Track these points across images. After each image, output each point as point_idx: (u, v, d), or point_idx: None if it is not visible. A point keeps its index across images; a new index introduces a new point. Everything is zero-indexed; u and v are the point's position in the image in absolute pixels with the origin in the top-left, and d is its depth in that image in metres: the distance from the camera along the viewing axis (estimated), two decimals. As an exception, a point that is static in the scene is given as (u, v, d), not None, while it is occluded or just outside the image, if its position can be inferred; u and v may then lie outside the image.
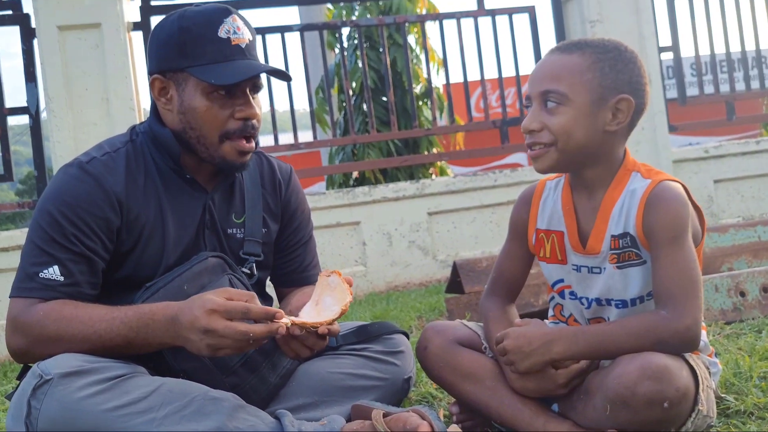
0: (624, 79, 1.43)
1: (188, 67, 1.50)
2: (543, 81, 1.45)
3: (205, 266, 1.54)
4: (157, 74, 1.54)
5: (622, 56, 1.45)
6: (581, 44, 1.47)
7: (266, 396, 1.55)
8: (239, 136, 1.53)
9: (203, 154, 1.55)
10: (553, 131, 1.43)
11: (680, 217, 1.39)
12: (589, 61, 1.43)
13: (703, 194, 4.49)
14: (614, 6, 4.40)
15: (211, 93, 1.50)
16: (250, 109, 1.53)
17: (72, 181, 1.50)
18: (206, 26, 1.50)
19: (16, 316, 1.42)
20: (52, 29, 3.83)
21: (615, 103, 1.42)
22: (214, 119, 1.51)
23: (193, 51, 1.49)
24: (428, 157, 5.79)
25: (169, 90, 1.55)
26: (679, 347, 1.34)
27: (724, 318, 2.30)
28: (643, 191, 1.43)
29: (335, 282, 1.46)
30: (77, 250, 1.45)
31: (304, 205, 1.81)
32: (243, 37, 1.52)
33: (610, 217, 1.46)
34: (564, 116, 1.42)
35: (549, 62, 1.47)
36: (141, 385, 1.33)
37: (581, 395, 1.40)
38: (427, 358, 1.58)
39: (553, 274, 1.57)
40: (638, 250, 1.44)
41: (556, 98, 1.43)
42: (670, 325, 1.32)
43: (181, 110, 1.53)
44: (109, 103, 3.88)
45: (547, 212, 1.58)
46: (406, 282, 4.16)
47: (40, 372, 1.30)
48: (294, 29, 4.28)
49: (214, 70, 1.48)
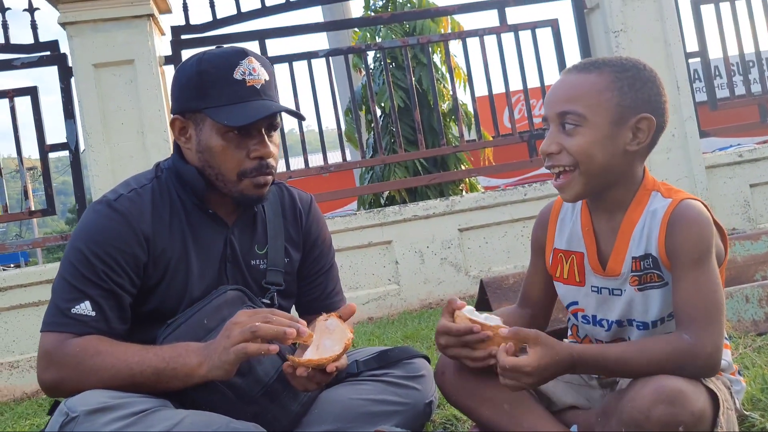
0: (643, 98, 1.41)
1: (205, 108, 1.56)
2: (560, 102, 1.43)
3: (224, 299, 1.58)
4: (178, 114, 1.61)
5: (640, 75, 1.43)
6: (598, 63, 1.44)
7: (288, 424, 1.58)
8: (256, 174, 1.58)
9: (224, 189, 1.61)
10: (572, 153, 1.40)
11: (704, 238, 1.37)
12: (607, 81, 1.41)
13: (739, 199, 4.41)
14: (638, 14, 4.37)
15: (226, 133, 1.56)
16: (265, 149, 1.58)
17: (100, 219, 1.56)
18: (223, 69, 1.55)
19: (50, 350, 1.47)
20: (87, 67, 3.98)
21: (635, 122, 1.40)
22: (231, 159, 1.57)
23: (209, 93, 1.55)
24: (457, 174, 5.80)
25: (188, 130, 1.61)
26: (699, 374, 1.32)
27: (756, 329, 2.26)
28: (665, 211, 1.41)
29: (333, 325, 1.49)
30: (107, 287, 1.51)
31: (325, 233, 1.85)
32: (258, 78, 1.57)
33: (631, 239, 1.45)
34: (583, 137, 1.40)
35: (566, 83, 1.45)
36: (164, 419, 1.37)
37: (599, 417, 1.40)
38: (444, 383, 1.59)
39: (568, 296, 1.57)
40: (660, 272, 1.42)
41: (574, 120, 1.40)
42: (692, 351, 1.30)
43: (199, 149, 1.59)
44: (144, 136, 4.00)
45: (566, 232, 1.57)
46: (440, 299, 4.17)
47: (67, 410, 1.35)
48: (320, 55, 4.36)
49: (229, 111, 1.53)
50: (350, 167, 4.50)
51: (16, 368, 3.71)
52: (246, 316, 1.43)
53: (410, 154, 4.94)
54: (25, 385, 3.70)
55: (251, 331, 1.38)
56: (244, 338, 1.38)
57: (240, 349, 1.38)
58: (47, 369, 1.47)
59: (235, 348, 1.38)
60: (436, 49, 6.67)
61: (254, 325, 1.39)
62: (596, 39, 4.57)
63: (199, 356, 1.43)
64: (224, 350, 1.39)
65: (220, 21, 4.34)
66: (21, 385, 3.71)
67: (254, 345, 1.38)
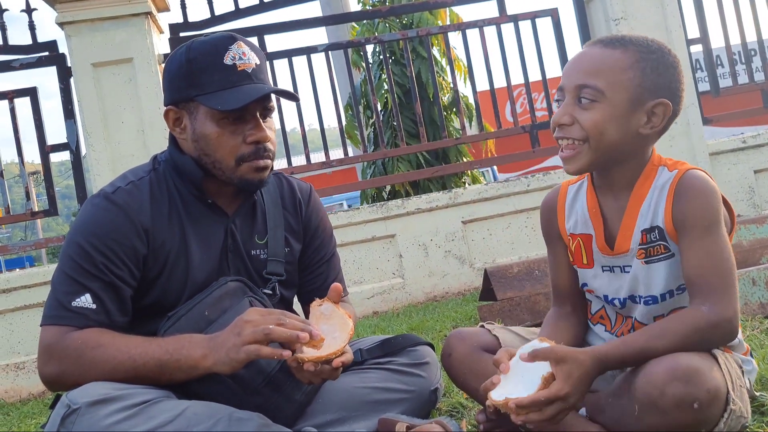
0: (664, 83, 1.40)
1: (197, 95, 1.54)
2: (580, 74, 1.40)
3: (225, 290, 1.57)
4: (171, 105, 1.59)
5: (665, 59, 1.41)
6: (625, 40, 1.42)
7: (292, 414, 1.57)
8: (254, 158, 1.57)
9: (222, 177, 1.59)
10: (584, 127, 1.39)
11: (712, 206, 1.36)
12: (631, 60, 1.39)
13: (744, 185, 4.38)
14: (638, 1, 4.34)
15: (221, 120, 1.54)
16: (261, 133, 1.56)
17: (98, 211, 1.55)
18: (212, 55, 1.54)
19: (50, 343, 1.46)
20: (86, 66, 3.97)
21: (652, 106, 1.39)
22: (227, 145, 1.55)
23: (201, 80, 1.54)
24: (459, 166, 5.77)
25: (182, 120, 1.60)
26: (721, 341, 1.32)
27: (763, 312, 2.24)
28: (671, 182, 1.40)
29: (329, 310, 1.47)
30: (107, 279, 1.50)
31: (326, 222, 1.84)
32: (249, 62, 1.55)
33: (639, 214, 1.44)
34: (598, 113, 1.38)
35: (589, 55, 1.42)
36: (166, 410, 1.36)
37: (609, 398, 1.38)
38: (451, 365, 1.58)
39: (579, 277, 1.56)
40: (666, 242, 1.41)
41: (591, 94, 1.38)
42: (712, 320, 1.29)
43: (194, 138, 1.58)
44: (145, 134, 3.99)
45: (573, 216, 1.56)
46: (445, 292, 4.15)
47: (68, 402, 1.34)
48: (319, 50, 4.34)
49: (221, 96, 1.52)
50: (352, 162, 4.48)
51: (21, 369, 3.71)
52: (258, 315, 1.40)
53: (411, 147, 4.92)
54: (31, 386, 3.69)
55: (264, 333, 1.35)
56: (256, 339, 1.36)
57: (253, 351, 1.35)
58: (48, 363, 1.46)
59: (247, 348, 1.36)
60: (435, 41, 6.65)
61: (267, 327, 1.36)
62: (596, 27, 4.54)
63: (203, 348, 1.41)
64: (234, 347, 1.37)
65: (218, 18, 4.33)
66: (27, 386, 3.70)
67: (268, 349, 1.36)
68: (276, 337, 1.35)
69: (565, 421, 1.41)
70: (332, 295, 1.49)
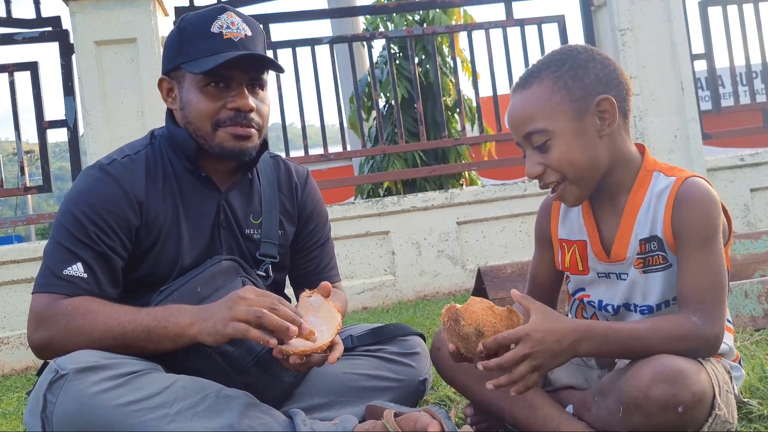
0: (591, 81, 1.38)
1: (182, 63, 1.55)
2: (520, 126, 1.41)
3: (218, 269, 1.56)
4: (164, 75, 1.60)
5: (576, 61, 1.40)
6: (534, 72, 1.42)
7: (280, 395, 1.56)
8: (231, 123, 1.55)
9: (205, 146, 1.58)
10: (555, 167, 1.39)
11: (712, 217, 1.34)
12: (549, 85, 1.39)
13: (739, 203, 4.39)
14: (645, 14, 4.35)
15: (203, 86, 1.54)
16: (242, 100, 1.55)
17: (93, 182, 1.54)
18: (200, 24, 1.55)
19: (40, 310, 1.45)
20: (89, 44, 3.95)
21: (596, 108, 1.38)
22: (205, 109, 1.55)
23: (187, 48, 1.55)
24: (456, 167, 5.76)
25: (174, 89, 1.61)
26: (705, 354, 1.31)
27: (754, 324, 2.24)
28: (670, 190, 1.39)
29: (318, 302, 1.45)
30: (99, 249, 1.49)
31: (321, 207, 1.83)
32: (237, 31, 1.55)
33: (636, 221, 1.42)
34: (556, 149, 1.38)
35: (515, 105, 1.43)
36: (154, 381, 1.34)
37: (595, 396, 1.38)
38: (439, 359, 1.57)
39: (574, 284, 1.55)
40: (665, 253, 1.40)
41: (540, 137, 1.38)
42: (702, 333, 1.29)
43: (181, 106, 1.59)
44: (144, 115, 3.97)
45: (568, 222, 1.55)
46: (435, 291, 4.15)
47: (56, 367, 1.32)
48: (324, 42, 4.33)
49: (203, 62, 1.52)
50: (350, 155, 4.47)
51: (6, 344, 3.68)
52: (254, 294, 1.38)
53: (410, 145, 4.92)
54: (14, 361, 3.66)
55: (256, 315, 1.33)
56: (246, 318, 1.33)
57: (241, 330, 1.33)
58: (37, 329, 1.45)
59: (235, 325, 1.33)
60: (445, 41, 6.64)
61: (260, 310, 1.33)
62: (602, 37, 4.55)
63: (191, 316, 1.40)
64: (222, 320, 1.35)
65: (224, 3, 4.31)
66: (10, 361, 3.67)
67: (256, 332, 1.33)
68: (267, 323, 1.33)
69: (551, 418, 1.41)
70: (321, 291, 1.48)
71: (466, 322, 1.27)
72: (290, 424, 1.41)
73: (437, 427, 1.30)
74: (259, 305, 1.35)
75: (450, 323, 1.30)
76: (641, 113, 4.32)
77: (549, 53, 1.44)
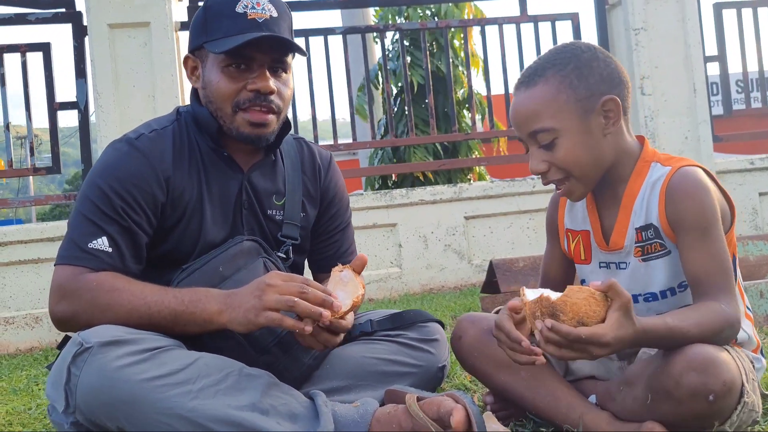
0: (596, 81, 1.40)
1: (205, 42, 1.54)
2: (526, 124, 1.42)
3: (240, 249, 1.55)
4: (189, 54, 1.60)
5: (581, 60, 1.40)
6: (539, 70, 1.42)
7: (299, 377, 1.56)
8: (251, 107, 1.54)
9: (224, 127, 1.57)
10: (560, 166, 1.41)
11: (705, 206, 1.35)
12: (555, 84, 1.39)
13: (747, 206, 4.38)
14: (660, 14, 4.34)
15: (225, 66, 1.54)
16: (263, 82, 1.53)
17: (121, 156, 1.53)
18: (225, 3, 1.54)
19: (63, 283, 1.44)
20: (103, 27, 3.93)
21: (601, 107, 1.39)
22: (226, 90, 1.54)
23: (211, 26, 1.54)
24: (468, 161, 5.74)
25: (198, 68, 1.60)
26: (729, 338, 1.33)
27: (768, 324, 2.24)
28: (663, 180, 1.40)
29: (348, 277, 1.44)
30: (124, 224, 1.48)
31: (343, 192, 1.83)
32: (262, 12, 1.53)
33: (633, 211, 1.44)
34: (563, 148, 1.39)
35: (520, 103, 1.43)
36: (178, 358, 1.34)
37: (621, 386, 1.38)
38: (461, 348, 1.57)
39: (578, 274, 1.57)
40: (662, 240, 1.41)
41: (546, 136, 1.40)
42: (731, 320, 1.30)
43: (203, 85, 1.58)
44: (155, 100, 3.95)
45: (573, 212, 1.57)
46: (441, 285, 4.14)
47: (81, 340, 1.32)
48: (337, 32, 4.32)
49: (225, 42, 1.51)
50: (360, 147, 4.46)
51: (11, 324, 3.67)
52: (281, 281, 1.36)
53: (420, 138, 4.91)
54: (19, 341, 3.65)
55: (288, 305, 1.32)
56: (278, 308, 1.33)
57: (275, 320, 1.33)
58: (60, 302, 1.44)
59: (269, 315, 1.33)
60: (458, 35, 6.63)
61: (292, 299, 1.32)
62: (616, 36, 4.54)
63: (220, 304, 1.39)
64: (254, 309, 1.34)
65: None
66: (15, 341, 3.66)
67: (290, 321, 1.33)
68: (300, 311, 1.32)
69: (573, 407, 1.41)
70: (356, 264, 1.46)
71: (567, 316, 1.19)
72: (311, 404, 1.40)
73: (462, 411, 1.29)
74: (289, 292, 1.33)
75: (543, 317, 1.21)
76: (653, 113, 4.32)
77: (552, 51, 1.46)
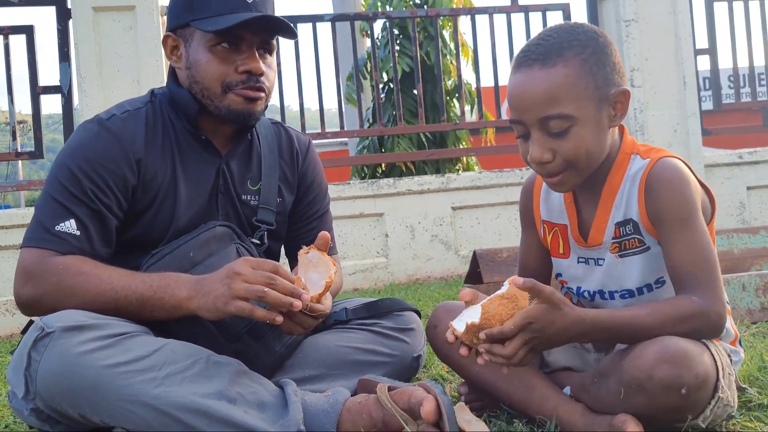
0: (610, 69, 1.32)
1: (192, 20, 1.51)
2: (538, 107, 1.28)
3: (212, 234, 1.52)
4: (169, 32, 1.56)
5: (599, 45, 1.32)
6: (557, 50, 1.30)
7: (271, 365, 1.53)
8: (242, 87, 1.52)
9: (210, 107, 1.54)
10: (567, 157, 1.30)
11: (687, 197, 1.30)
12: (576, 67, 1.28)
13: (735, 200, 4.38)
14: (651, 5, 4.32)
15: (214, 46, 1.51)
16: (253, 63, 1.51)
17: (92, 137, 1.50)
18: None
19: (29, 266, 1.41)
20: (87, 10, 3.88)
21: (614, 98, 1.32)
22: (215, 70, 1.51)
23: (198, 5, 1.50)
24: (455, 152, 5.72)
25: (179, 47, 1.57)
26: (709, 334, 1.28)
27: (750, 317, 2.23)
28: (642, 173, 1.34)
29: (316, 257, 1.42)
30: (93, 207, 1.45)
31: (322, 178, 1.79)
32: None
33: (613, 206, 1.38)
34: (575, 138, 1.29)
35: (535, 83, 1.29)
36: (143, 344, 1.30)
37: (595, 378, 1.35)
38: (436, 337, 1.54)
39: (555, 267, 1.53)
40: (641, 236, 1.36)
41: (561, 123, 1.28)
42: (704, 312, 1.25)
43: (187, 65, 1.54)
44: (140, 84, 3.90)
45: (549, 204, 1.51)
46: (427, 275, 4.12)
47: (42, 325, 1.28)
48: (325, 19, 4.27)
49: (216, 21, 1.48)
50: (348, 136, 4.42)
51: (-10, 310, 3.62)
52: (250, 268, 1.32)
53: (408, 128, 4.88)
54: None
55: (258, 295, 1.29)
56: (248, 297, 1.30)
57: (245, 309, 1.30)
58: (26, 285, 1.40)
59: (239, 305, 1.30)
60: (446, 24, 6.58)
61: (261, 289, 1.29)
62: (607, 27, 4.51)
63: (189, 290, 1.36)
64: (223, 297, 1.31)
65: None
66: (-6, 327, 3.62)
67: (261, 312, 1.30)
68: (269, 301, 1.29)
69: (547, 399, 1.38)
70: (319, 243, 1.43)
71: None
72: (281, 393, 1.37)
73: (432, 402, 1.27)
74: (257, 282, 1.30)
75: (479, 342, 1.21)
76: (642, 106, 4.30)
77: (563, 29, 1.34)
